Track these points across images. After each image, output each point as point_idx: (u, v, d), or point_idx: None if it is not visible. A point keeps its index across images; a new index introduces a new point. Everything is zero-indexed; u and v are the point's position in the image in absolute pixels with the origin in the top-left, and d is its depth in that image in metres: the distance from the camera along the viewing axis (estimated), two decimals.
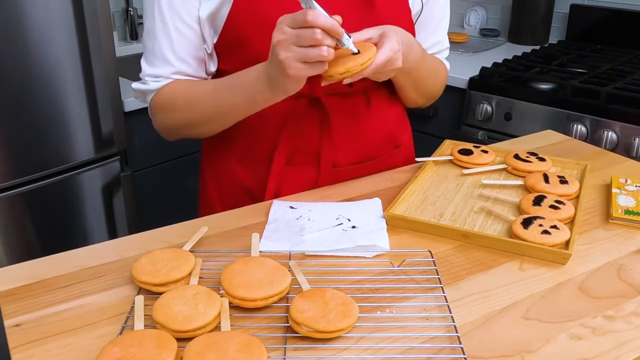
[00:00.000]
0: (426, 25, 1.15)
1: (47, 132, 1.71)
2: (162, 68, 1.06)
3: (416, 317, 0.76)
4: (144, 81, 1.09)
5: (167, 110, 1.08)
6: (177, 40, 1.04)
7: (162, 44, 1.05)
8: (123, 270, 0.86)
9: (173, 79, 1.07)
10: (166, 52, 1.05)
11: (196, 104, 1.04)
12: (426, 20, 1.15)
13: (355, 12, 1.02)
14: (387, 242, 0.91)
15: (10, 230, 1.73)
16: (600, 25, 2.41)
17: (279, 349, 0.71)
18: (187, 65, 1.06)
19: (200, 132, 1.10)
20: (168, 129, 1.11)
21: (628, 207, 1.00)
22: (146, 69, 1.08)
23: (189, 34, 1.04)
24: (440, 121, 2.23)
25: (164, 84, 1.07)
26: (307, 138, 1.08)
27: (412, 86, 1.13)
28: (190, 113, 1.05)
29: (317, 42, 0.83)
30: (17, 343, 0.72)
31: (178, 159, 2.14)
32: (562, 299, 0.80)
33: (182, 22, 1.03)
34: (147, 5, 1.05)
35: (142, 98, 1.12)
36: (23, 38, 1.60)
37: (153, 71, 1.07)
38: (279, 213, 1.00)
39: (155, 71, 1.07)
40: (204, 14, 1.02)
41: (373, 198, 1.04)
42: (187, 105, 1.05)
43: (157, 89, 1.08)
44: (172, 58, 1.05)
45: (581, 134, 1.90)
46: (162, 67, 1.06)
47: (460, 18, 2.79)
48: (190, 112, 1.05)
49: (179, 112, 1.07)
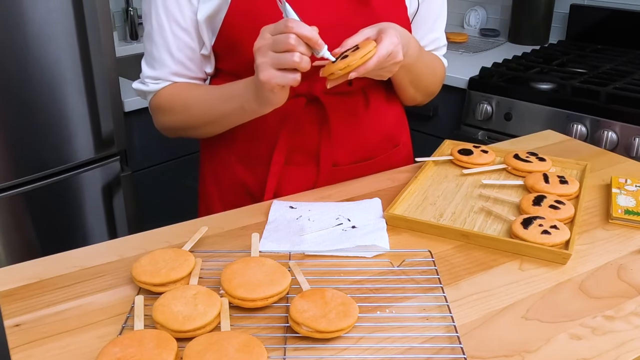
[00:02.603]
0: (423, 23, 1.16)
1: (47, 132, 1.71)
2: (160, 70, 1.08)
3: (416, 317, 0.76)
4: (144, 82, 1.11)
5: (165, 112, 1.10)
6: (174, 44, 1.06)
7: (159, 47, 1.07)
8: (123, 270, 0.86)
9: (172, 81, 1.09)
10: (164, 55, 1.07)
11: (192, 108, 1.06)
12: (423, 18, 1.15)
13: (351, 10, 1.03)
14: (387, 242, 0.91)
15: (10, 230, 1.73)
16: (600, 25, 2.41)
17: (279, 349, 0.71)
18: (184, 67, 1.08)
19: (198, 134, 1.13)
20: (167, 129, 1.14)
21: (628, 207, 1.00)
22: (146, 71, 1.10)
23: (185, 38, 1.06)
24: (440, 121, 2.23)
25: (162, 86, 1.09)
26: (306, 137, 1.08)
27: (410, 82, 1.13)
28: (187, 116, 1.08)
29: (291, 48, 0.85)
30: (17, 343, 0.72)
31: (178, 159, 2.14)
32: (562, 299, 0.80)
33: (178, 26, 1.05)
34: (146, 9, 1.07)
35: (143, 97, 1.15)
36: (23, 38, 1.60)
37: (152, 73, 1.09)
38: (279, 213, 1.00)
39: (154, 73, 1.09)
40: (202, 16, 1.03)
41: (373, 198, 1.04)
42: (184, 108, 1.07)
43: (156, 91, 1.10)
44: (170, 61, 1.07)
45: (581, 134, 1.90)
46: (160, 69, 1.08)
47: (460, 18, 2.79)
48: (187, 115, 1.07)
49: (177, 115, 1.09)
